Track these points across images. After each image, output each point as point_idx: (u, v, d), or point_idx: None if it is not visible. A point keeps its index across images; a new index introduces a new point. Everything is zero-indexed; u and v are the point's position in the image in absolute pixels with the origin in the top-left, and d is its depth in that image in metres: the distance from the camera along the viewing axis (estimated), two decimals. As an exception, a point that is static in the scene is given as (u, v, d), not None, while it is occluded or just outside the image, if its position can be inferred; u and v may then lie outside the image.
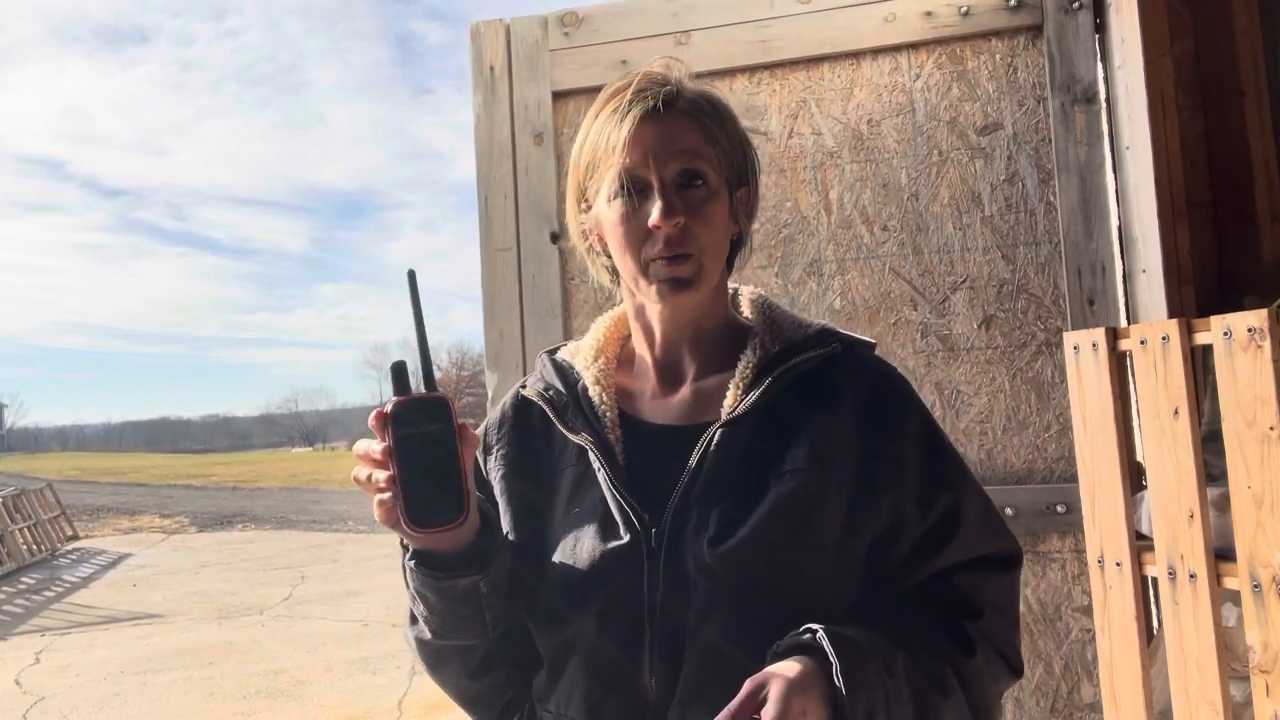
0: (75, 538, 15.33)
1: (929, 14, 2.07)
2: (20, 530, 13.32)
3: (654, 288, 1.01)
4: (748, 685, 0.84)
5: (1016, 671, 1.05)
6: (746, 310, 1.13)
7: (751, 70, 2.17)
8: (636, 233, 1.00)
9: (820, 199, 2.14)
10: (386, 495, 0.87)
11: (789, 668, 0.85)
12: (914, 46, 2.10)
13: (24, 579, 11.98)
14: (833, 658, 0.86)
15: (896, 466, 1.02)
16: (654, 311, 1.06)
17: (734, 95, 2.18)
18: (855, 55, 2.12)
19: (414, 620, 1.04)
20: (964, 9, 2.06)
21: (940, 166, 2.09)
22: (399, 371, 0.88)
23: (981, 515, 1.06)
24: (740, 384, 1.03)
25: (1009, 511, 1.99)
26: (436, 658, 1.06)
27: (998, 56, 2.07)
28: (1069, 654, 1.99)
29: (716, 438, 1.00)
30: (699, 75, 2.15)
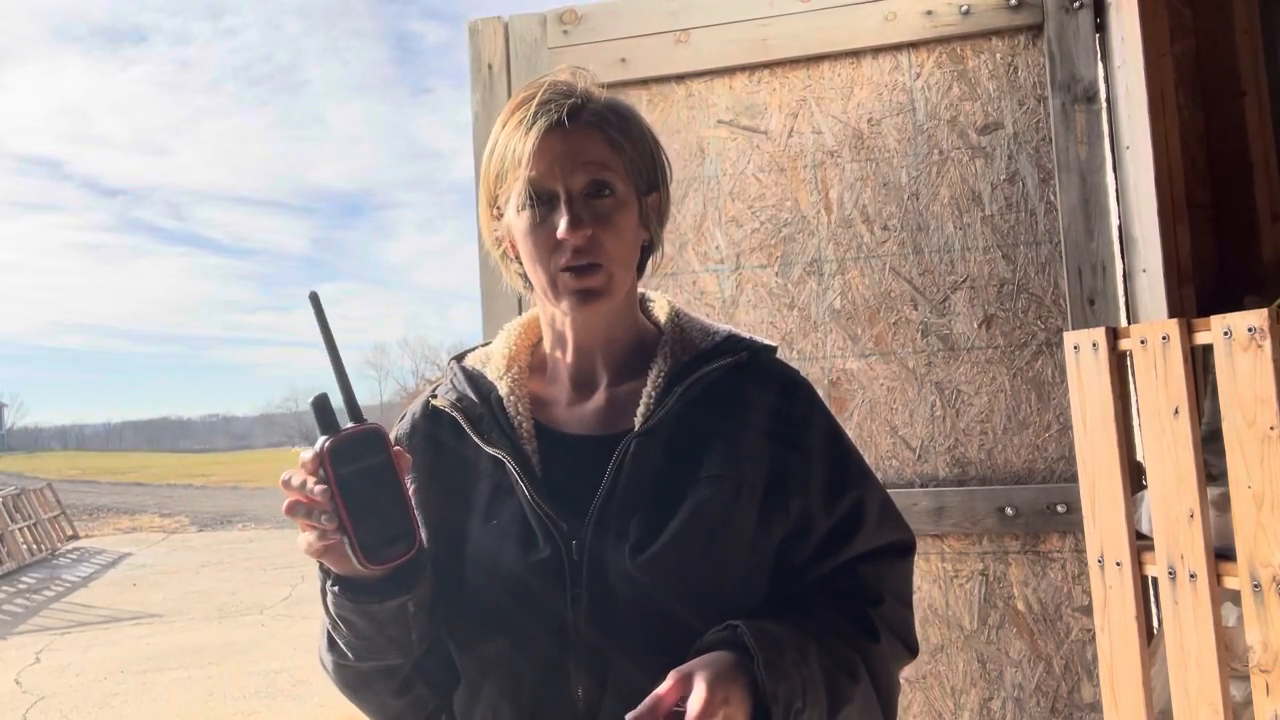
0: (75, 537, 15.33)
1: (929, 13, 2.07)
2: (20, 530, 13.33)
3: (565, 300, 1.02)
4: (672, 676, 0.88)
5: (913, 651, 1.11)
6: (657, 315, 1.15)
7: (751, 69, 2.17)
8: (545, 243, 1.01)
9: (820, 198, 2.13)
10: (334, 537, 0.86)
11: (712, 660, 0.90)
12: (914, 45, 2.10)
13: (24, 578, 11.98)
14: (755, 651, 0.91)
15: (804, 468, 1.05)
16: (566, 320, 1.08)
17: (733, 94, 2.18)
18: (855, 54, 2.12)
19: (332, 645, 1.02)
20: (964, 8, 2.05)
21: (940, 166, 2.09)
22: (322, 406, 0.84)
23: (881, 509, 1.10)
24: (652, 394, 1.05)
25: (1009, 511, 1.99)
26: (360, 681, 1.04)
27: (998, 56, 2.07)
28: (1069, 654, 1.99)
29: (632, 448, 1.01)
30: (698, 73, 2.17)
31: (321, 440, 0.84)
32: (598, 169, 1.02)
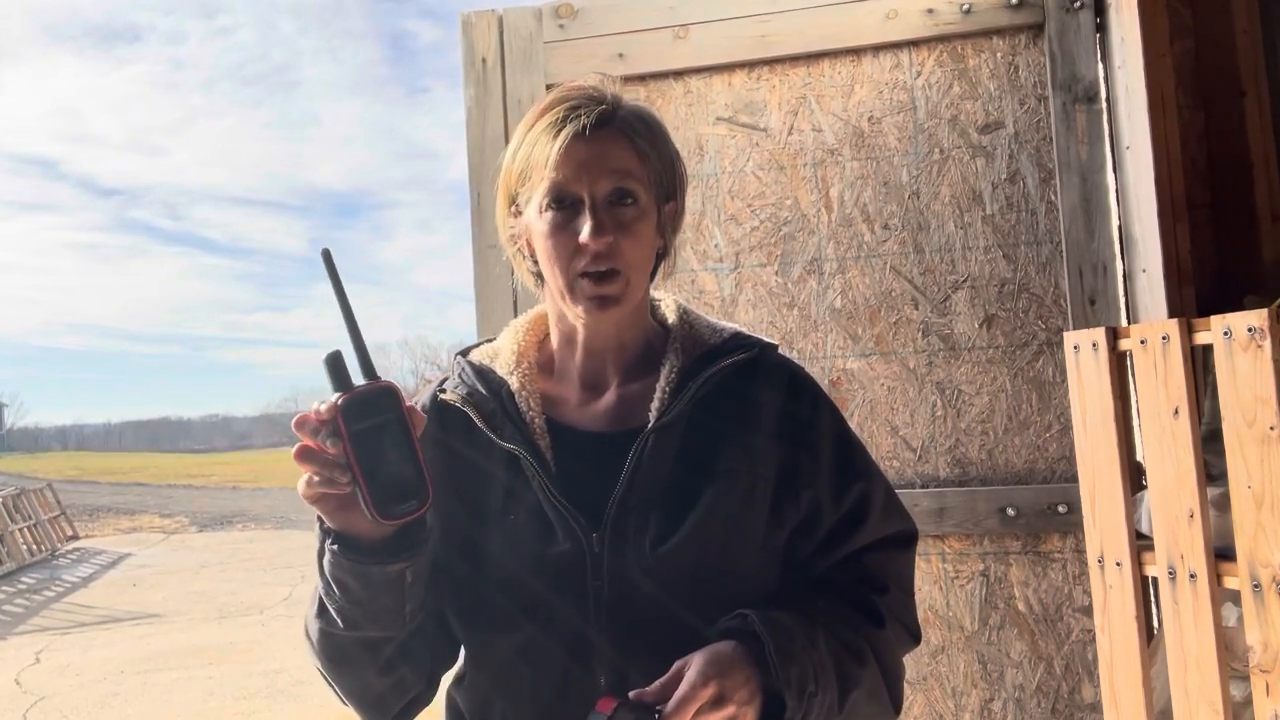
0: (75, 537, 15.33)
1: (930, 11, 2.06)
2: (20, 530, 13.32)
3: (581, 305, 1.04)
4: (674, 668, 0.91)
5: (916, 638, 1.14)
6: (665, 314, 1.17)
7: (751, 65, 2.16)
8: (566, 247, 1.02)
9: (821, 197, 2.13)
10: (347, 491, 0.86)
11: (712, 650, 0.93)
12: (915, 44, 2.10)
13: (24, 579, 11.98)
14: (764, 638, 0.94)
15: (813, 461, 1.08)
16: (579, 323, 1.09)
17: (733, 90, 2.18)
18: (856, 52, 2.12)
19: (322, 611, 1.00)
20: (965, 6, 2.05)
21: (941, 165, 2.08)
22: (335, 362, 0.86)
23: (885, 500, 1.13)
24: (666, 389, 1.06)
25: (1010, 512, 1.98)
26: (344, 652, 1.02)
27: (999, 55, 2.07)
28: (1070, 654, 1.98)
29: (650, 443, 1.03)
30: (697, 70, 2.17)
31: (335, 396, 0.85)
32: (623, 177, 1.03)
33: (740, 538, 1.03)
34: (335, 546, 0.93)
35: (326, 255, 0.89)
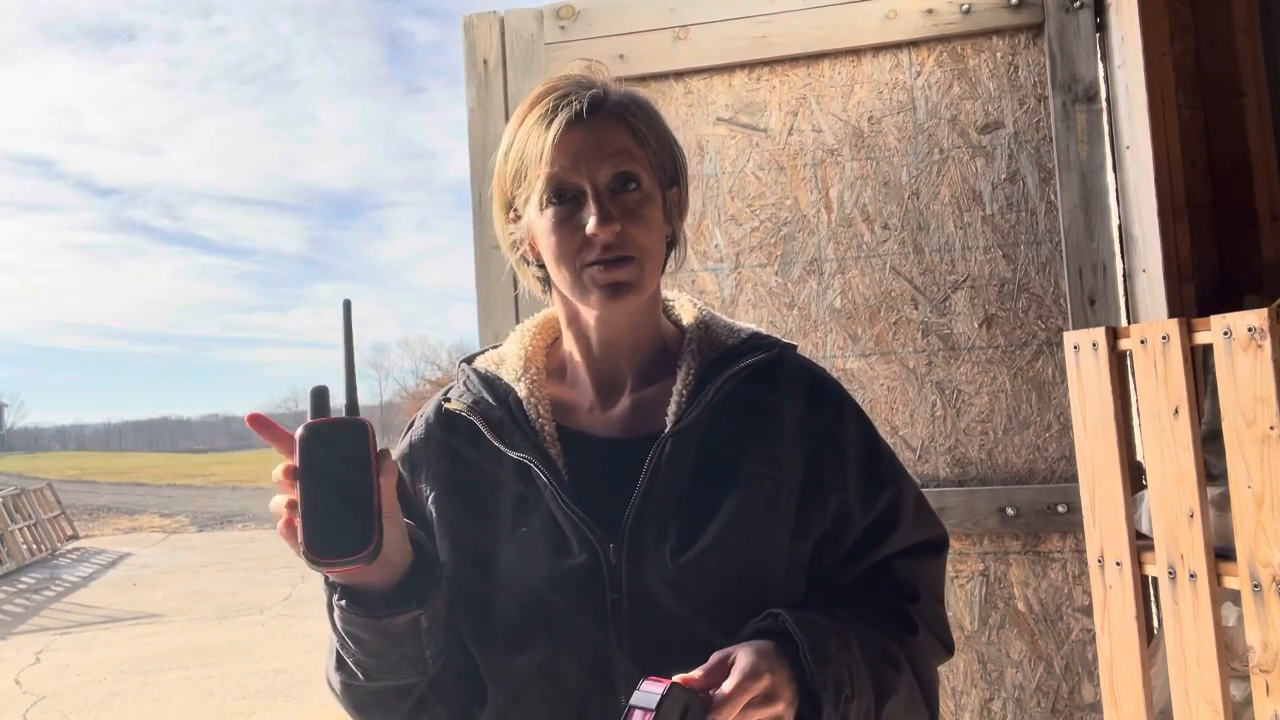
0: (75, 537, 15.35)
1: (930, 11, 2.06)
2: (20, 530, 13.33)
3: (594, 295, 0.98)
4: (714, 657, 0.87)
5: (949, 649, 1.10)
6: (679, 315, 1.12)
7: (751, 66, 2.16)
8: (571, 241, 0.98)
9: (820, 197, 2.13)
10: (283, 520, 0.82)
11: (753, 644, 0.89)
12: (915, 44, 2.10)
13: (24, 579, 11.98)
14: (798, 638, 0.90)
15: (839, 466, 1.04)
16: (591, 318, 1.04)
17: (733, 91, 2.18)
18: (856, 52, 2.12)
19: (340, 665, 0.96)
20: (965, 6, 2.05)
21: (941, 165, 2.08)
22: (318, 396, 0.82)
23: (916, 506, 1.09)
24: (684, 391, 1.02)
25: (1010, 511, 1.98)
26: (371, 702, 0.98)
27: (999, 55, 2.07)
28: (1069, 654, 1.98)
29: (668, 448, 0.98)
30: (697, 71, 2.17)
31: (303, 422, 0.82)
32: (623, 160, 0.98)
33: (764, 547, 0.98)
34: (343, 602, 0.90)
35: (347, 306, 0.85)
